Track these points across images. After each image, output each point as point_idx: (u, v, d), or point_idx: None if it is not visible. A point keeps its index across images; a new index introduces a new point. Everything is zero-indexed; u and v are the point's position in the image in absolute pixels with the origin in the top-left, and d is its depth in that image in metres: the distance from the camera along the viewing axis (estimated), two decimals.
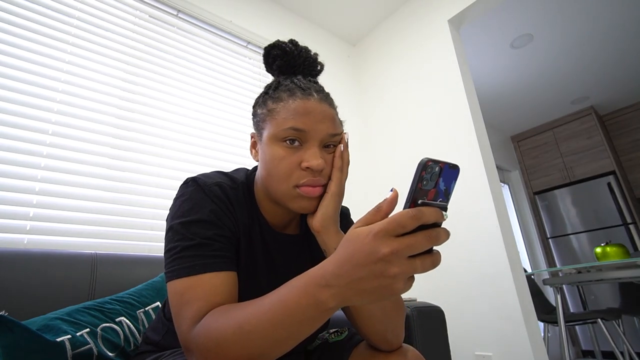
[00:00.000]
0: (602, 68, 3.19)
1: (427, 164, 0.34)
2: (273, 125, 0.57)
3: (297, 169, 0.55)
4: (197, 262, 0.50)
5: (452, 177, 0.36)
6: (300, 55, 0.64)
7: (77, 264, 1.03)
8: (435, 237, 0.35)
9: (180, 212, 0.55)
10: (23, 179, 1.19)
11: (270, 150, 0.57)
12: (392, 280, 0.35)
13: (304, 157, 0.55)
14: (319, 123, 0.56)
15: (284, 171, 0.55)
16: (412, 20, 2.35)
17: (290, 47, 0.64)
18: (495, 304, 1.64)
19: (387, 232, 0.35)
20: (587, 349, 3.50)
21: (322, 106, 0.57)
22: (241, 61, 2.03)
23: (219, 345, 0.42)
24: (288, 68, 0.65)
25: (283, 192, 0.56)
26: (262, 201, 0.63)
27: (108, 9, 1.59)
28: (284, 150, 0.56)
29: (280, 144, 0.56)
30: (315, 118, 0.56)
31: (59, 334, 0.76)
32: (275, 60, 0.64)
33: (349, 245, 0.37)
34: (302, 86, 0.59)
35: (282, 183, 0.56)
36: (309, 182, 0.55)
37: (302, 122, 0.55)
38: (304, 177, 0.55)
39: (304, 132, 0.55)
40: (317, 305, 0.39)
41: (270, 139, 0.57)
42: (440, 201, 0.36)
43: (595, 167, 3.66)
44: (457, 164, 0.35)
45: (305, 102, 0.56)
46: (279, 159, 0.55)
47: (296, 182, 0.55)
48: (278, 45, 0.64)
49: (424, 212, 0.34)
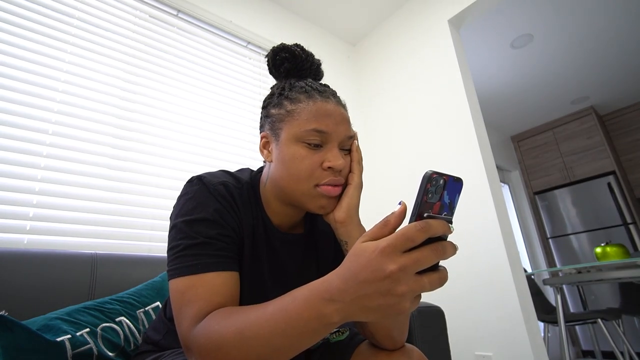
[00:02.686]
0: (602, 68, 3.19)
1: (432, 176, 0.33)
2: (293, 126, 0.57)
3: (319, 168, 0.56)
4: (200, 261, 0.50)
5: (456, 190, 0.35)
6: (307, 59, 0.65)
7: (77, 264, 1.03)
8: (442, 250, 0.34)
9: (184, 210, 0.55)
10: (23, 179, 1.19)
11: (290, 150, 0.57)
12: (399, 299, 0.34)
13: (326, 157, 0.56)
14: (339, 125, 0.58)
15: (306, 170, 0.56)
16: (412, 21, 2.35)
17: (299, 51, 0.65)
18: (495, 304, 1.63)
19: (394, 247, 0.34)
20: (587, 349, 3.50)
21: (339, 109, 0.59)
22: (241, 61, 2.03)
23: (218, 348, 0.42)
24: (296, 72, 0.65)
25: (303, 192, 0.57)
26: (270, 201, 0.63)
27: (108, 9, 1.59)
28: (305, 150, 0.56)
29: (301, 144, 0.57)
30: (335, 120, 0.58)
31: (59, 334, 0.76)
32: (283, 63, 0.65)
33: (354, 260, 0.36)
34: (318, 89, 0.60)
35: (302, 182, 0.56)
36: (330, 182, 0.56)
37: (325, 124, 0.56)
38: (326, 177, 0.56)
39: (326, 134, 0.57)
40: (319, 319, 0.38)
41: (290, 139, 0.57)
42: (445, 215, 0.35)
43: (595, 167, 3.66)
44: (461, 177, 0.35)
45: (325, 105, 0.58)
46: (300, 159, 0.56)
47: (317, 182, 0.56)
48: (286, 48, 0.64)
49: (432, 224, 0.33)
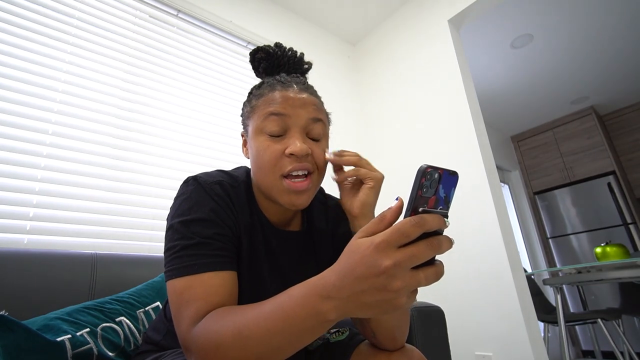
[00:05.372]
0: (602, 68, 3.19)
1: (427, 170, 0.33)
2: (255, 119, 0.59)
3: (282, 157, 0.56)
4: (197, 261, 0.50)
5: (452, 183, 0.34)
6: (284, 55, 0.66)
7: (77, 264, 1.03)
8: (437, 245, 0.34)
9: (180, 210, 0.55)
10: (23, 179, 1.19)
11: (255, 143, 0.58)
12: (395, 294, 0.34)
13: (287, 143, 0.56)
14: (299, 108, 0.57)
15: (269, 161, 0.56)
16: (412, 21, 2.35)
17: (274, 49, 0.66)
18: (495, 304, 1.63)
19: (389, 243, 0.33)
20: (587, 349, 3.50)
21: (301, 94, 0.59)
22: (241, 61, 2.03)
23: (217, 348, 0.42)
24: (273, 69, 0.67)
25: (272, 184, 0.57)
26: (260, 199, 0.64)
27: (108, 9, 1.59)
28: (268, 140, 0.57)
29: (264, 135, 0.57)
30: (294, 103, 0.57)
31: (59, 334, 0.76)
32: (261, 62, 0.67)
33: (350, 256, 0.36)
34: (282, 80, 0.61)
35: (269, 174, 0.56)
36: (295, 168, 0.55)
37: (282, 107, 0.56)
38: (289, 164, 0.55)
39: (284, 117, 0.56)
40: (317, 316, 0.38)
41: (255, 132, 0.58)
42: (441, 209, 0.35)
43: (595, 167, 3.66)
44: (456, 171, 0.34)
45: (284, 92, 0.58)
46: (263, 150, 0.56)
47: (282, 171, 0.56)
48: (262, 48, 0.67)
49: (427, 219, 0.33)
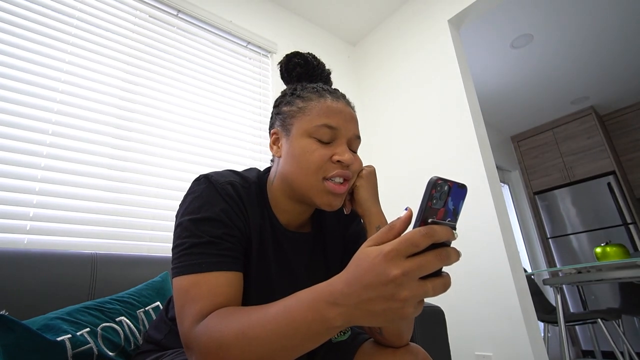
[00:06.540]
0: (602, 68, 3.19)
1: (437, 182, 0.34)
2: (305, 121, 0.60)
3: (328, 161, 0.58)
4: (204, 260, 0.51)
5: (460, 196, 0.35)
6: (319, 67, 0.70)
7: (77, 264, 1.03)
8: (445, 256, 0.34)
9: (190, 208, 0.55)
10: (23, 179, 1.19)
11: (301, 144, 0.59)
12: (403, 304, 0.34)
13: (336, 151, 0.59)
14: (348, 123, 0.61)
15: (316, 163, 0.58)
16: (412, 21, 2.35)
17: (311, 58, 0.69)
18: (495, 304, 1.63)
19: (398, 252, 0.34)
20: (587, 349, 3.50)
21: (349, 109, 0.63)
22: (241, 61, 2.03)
23: (219, 348, 0.42)
24: (307, 76, 0.69)
25: (311, 185, 0.58)
26: (278, 200, 0.64)
27: (108, 9, 1.59)
28: (316, 144, 0.59)
29: (311, 138, 0.59)
30: (345, 117, 0.61)
31: (59, 334, 0.76)
32: (296, 67, 0.69)
33: (359, 264, 0.37)
34: (329, 90, 0.63)
35: (311, 175, 0.58)
36: (338, 174, 0.58)
37: (335, 121, 0.59)
38: (334, 169, 0.58)
39: (336, 130, 0.59)
40: (322, 322, 0.38)
41: (301, 134, 0.60)
42: (449, 221, 0.35)
43: (595, 167, 3.66)
44: (465, 184, 0.35)
45: (335, 103, 0.61)
46: (310, 152, 0.58)
47: (325, 174, 0.58)
48: (300, 54, 0.69)
49: (436, 230, 0.34)
